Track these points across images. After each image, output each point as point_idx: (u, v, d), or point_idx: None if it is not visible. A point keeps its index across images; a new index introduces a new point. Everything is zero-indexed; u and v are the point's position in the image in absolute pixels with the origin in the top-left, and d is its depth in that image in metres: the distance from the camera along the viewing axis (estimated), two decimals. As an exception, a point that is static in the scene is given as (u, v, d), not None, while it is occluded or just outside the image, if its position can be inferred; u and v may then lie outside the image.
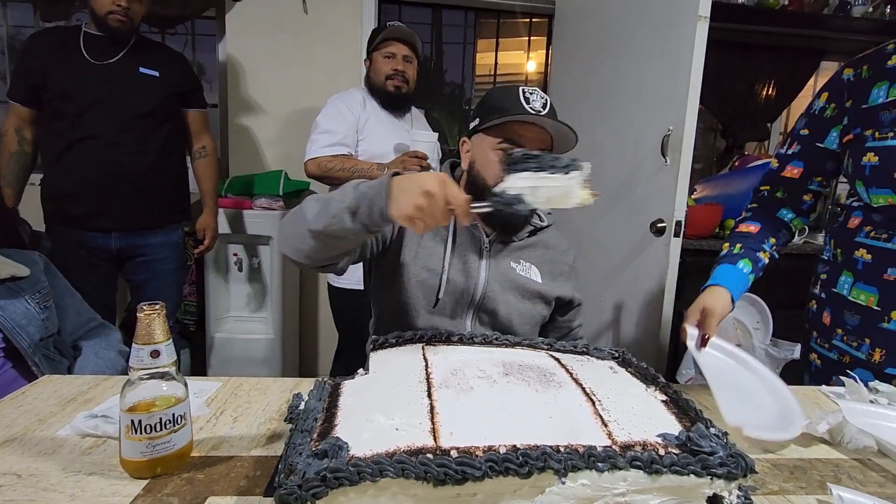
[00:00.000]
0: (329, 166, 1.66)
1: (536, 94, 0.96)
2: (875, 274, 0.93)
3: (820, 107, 1.01)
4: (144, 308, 0.58)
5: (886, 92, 0.92)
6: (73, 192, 1.60)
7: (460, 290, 0.99)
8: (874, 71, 0.94)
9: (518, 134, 0.96)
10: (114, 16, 1.55)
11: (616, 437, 0.55)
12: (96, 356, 1.09)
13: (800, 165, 1.03)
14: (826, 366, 1.04)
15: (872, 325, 0.94)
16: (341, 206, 0.73)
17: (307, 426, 0.57)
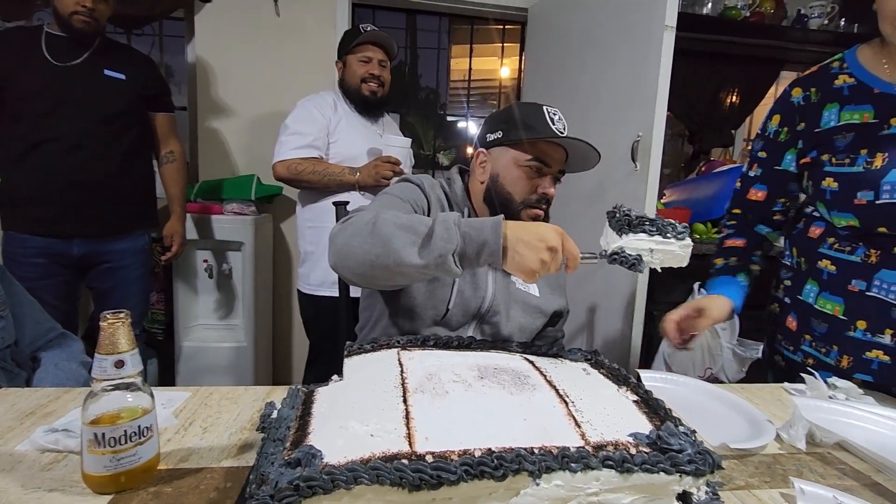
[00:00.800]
0: (299, 169, 1.63)
1: (559, 115, 0.99)
2: (840, 285, 0.95)
3: (773, 130, 1.04)
4: (108, 317, 0.56)
5: (837, 115, 0.94)
6: (33, 196, 1.54)
7: (468, 301, 0.99)
8: (823, 93, 0.96)
9: (547, 153, 0.99)
10: (78, 16, 1.50)
11: (589, 438, 0.56)
12: (56, 368, 1.04)
13: (763, 189, 1.07)
14: (790, 367, 1.07)
15: (840, 334, 0.96)
16: (445, 246, 0.70)
17: (280, 435, 0.56)
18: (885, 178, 0.86)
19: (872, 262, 0.91)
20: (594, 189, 1.93)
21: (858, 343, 0.94)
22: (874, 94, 0.91)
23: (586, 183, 1.98)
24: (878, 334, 0.91)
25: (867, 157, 0.88)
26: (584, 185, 1.99)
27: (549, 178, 1.00)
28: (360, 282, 0.83)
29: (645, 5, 1.67)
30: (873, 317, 0.91)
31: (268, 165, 1.78)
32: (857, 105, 0.92)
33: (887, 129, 0.88)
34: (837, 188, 0.93)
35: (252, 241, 2.10)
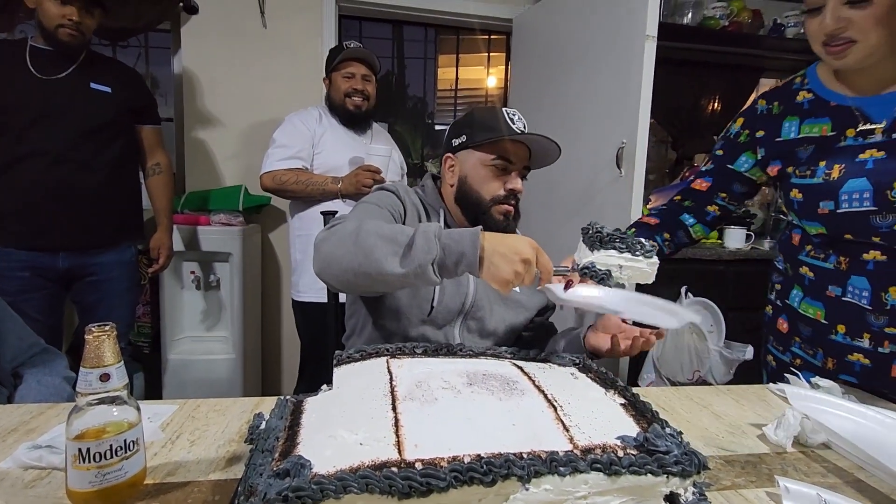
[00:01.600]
0: (283, 179, 1.70)
1: (517, 115, 1.04)
2: (819, 290, 0.98)
3: (735, 131, 1.08)
4: (93, 329, 0.55)
5: (798, 128, 0.97)
6: (17, 209, 1.52)
7: (451, 299, 1.02)
8: (785, 106, 1.00)
9: (510, 151, 1.03)
10: (64, 30, 1.49)
11: (577, 442, 0.56)
12: (39, 384, 1.02)
13: (709, 181, 1.11)
14: (780, 367, 1.09)
15: (823, 337, 0.98)
16: (425, 256, 0.73)
17: (268, 446, 0.56)
18: (842, 189, 0.89)
19: (843, 269, 0.94)
20: (581, 195, 1.95)
21: (840, 346, 0.96)
22: (831, 106, 0.94)
23: (573, 189, 2.00)
24: (857, 338, 0.94)
25: (825, 169, 0.91)
26: (571, 191, 2.01)
27: (515, 175, 1.04)
28: (344, 288, 0.87)
29: (626, 16, 1.70)
30: (851, 321, 0.94)
31: (255, 176, 1.79)
32: (816, 118, 0.95)
33: (843, 140, 0.91)
34: (802, 199, 0.96)
35: (240, 251, 2.08)
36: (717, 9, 2.36)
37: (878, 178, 0.85)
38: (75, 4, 1.49)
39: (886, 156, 0.85)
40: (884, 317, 0.91)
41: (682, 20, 2.35)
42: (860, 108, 0.90)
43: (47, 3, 1.47)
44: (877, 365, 0.93)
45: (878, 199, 0.85)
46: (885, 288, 0.90)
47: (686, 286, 1.93)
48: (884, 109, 0.87)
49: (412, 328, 1.00)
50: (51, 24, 1.49)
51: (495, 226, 1.03)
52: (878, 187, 0.85)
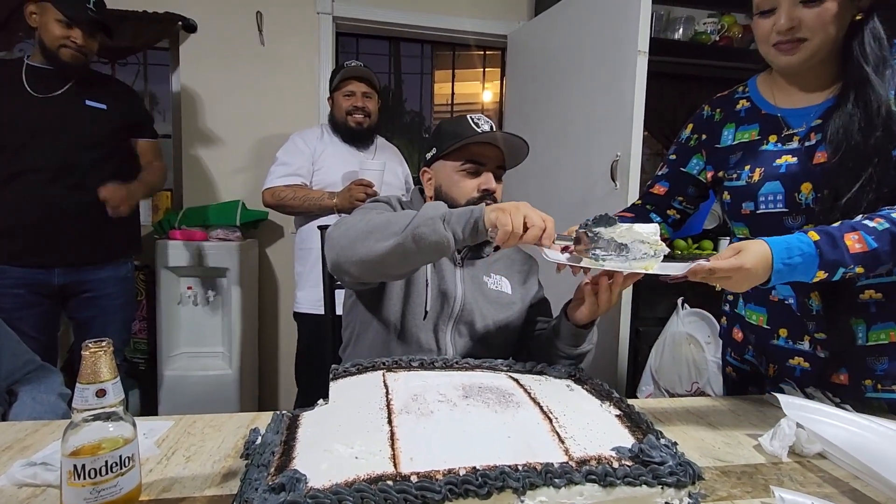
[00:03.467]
0: (282, 195, 1.75)
1: (482, 119, 1.05)
2: (763, 294, 1.00)
3: (686, 136, 1.12)
4: (90, 345, 0.56)
5: (733, 135, 1.02)
6: (12, 226, 1.52)
7: (441, 303, 1.03)
8: (725, 114, 1.05)
9: (477, 154, 1.04)
10: (67, 49, 1.51)
11: (572, 453, 0.56)
12: (34, 401, 1.02)
13: (665, 185, 1.14)
14: (740, 377, 1.11)
15: (765, 343, 1.01)
16: (435, 214, 0.80)
17: (264, 460, 0.56)
18: (760, 191, 0.94)
19: None
20: (576, 207, 1.97)
21: (781, 351, 0.98)
22: (761, 114, 0.98)
23: (568, 202, 2.02)
24: (798, 341, 0.96)
25: (749, 172, 0.96)
26: (566, 204, 2.03)
27: (488, 175, 1.05)
28: (359, 271, 0.89)
29: (618, 32, 1.73)
30: (793, 324, 0.96)
31: (252, 192, 1.80)
32: (748, 125, 1.00)
33: (765, 144, 0.96)
34: (730, 200, 1.01)
35: (237, 266, 2.08)
36: (708, 24, 2.40)
37: (788, 181, 0.91)
38: (82, 28, 1.52)
39: (798, 161, 0.90)
40: (811, 322, 0.94)
41: (673, 35, 2.39)
42: (784, 117, 0.95)
43: (52, 24, 1.49)
44: (816, 369, 0.95)
45: (789, 201, 0.91)
46: (808, 294, 0.93)
47: (682, 297, 1.94)
48: (802, 120, 0.93)
49: (406, 333, 1.02)
50: (53, 43, 1.51)
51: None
52: (788, 190, 0.91)
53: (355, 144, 1.87)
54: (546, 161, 2.18)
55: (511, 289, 1.10)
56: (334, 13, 2.40)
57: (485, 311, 1.05)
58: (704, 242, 2.24)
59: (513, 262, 1.15)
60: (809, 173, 0.89)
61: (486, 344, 1.05)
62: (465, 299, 1.04)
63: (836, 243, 0.77)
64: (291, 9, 2.35)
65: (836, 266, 0.77)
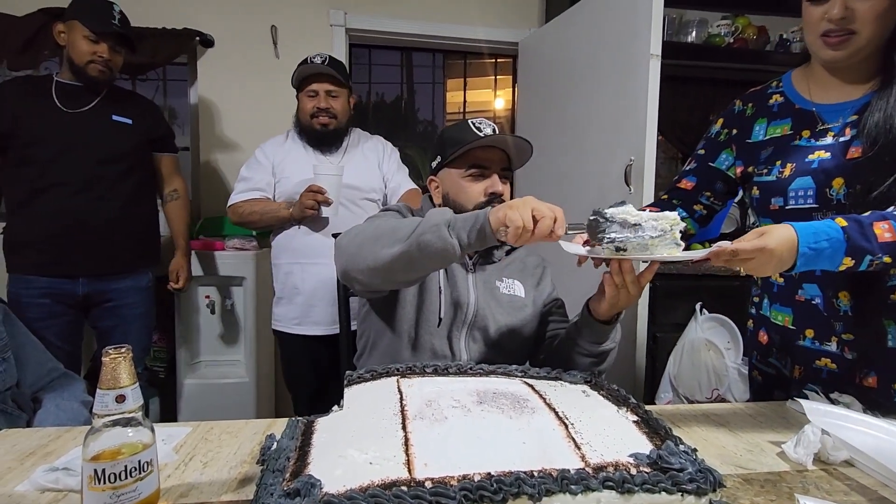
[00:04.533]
0: (241, 211, 1.69)
1: (484, 122, 1.05)
2: (788, 295, 0.99)
3: (716, 130, 1.11)
4: (110, 352, 0.57)
5: (765, 130, 1.01)
6: (39, 238, 1.57)
7: (454, 309, 1.03)
8: (757, 108, 1.04)
9: (481, 158, 1.04)
10: (94, 65, 1.57)
11: (589, 459, 0.56)
12: (57, 408, 1.04)
13: (693, 180, 1.13)
14: (765, 381, 1.09)
15: (791, 344, 0.99)
16: (441, 220, 0.80)
17: (279, 466, 0.56)
18: (791, 186, 0.93)
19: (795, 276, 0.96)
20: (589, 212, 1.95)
21: (807, 352, 0.96)
22: (794, 109, 0.97)
23: (582, 207, 2.00)
24: (825, 342, 0.94)
25: (780, 168, 0.95)
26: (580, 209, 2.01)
27: (494, 178, 1.05)
28: (365, 277, 0.89)
29: (630, 36, 1.73)
30: (820, 324, 0.94)
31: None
32: (781, 120, 0.99)
33: (798, 140, 0.95)
34: (759, 195, 1.00)
35: (254, 275, 2.11)
36: (722, 26, 2.38)
37: (820, 177, 0.90)
38: (107, 42, 1.57)
39: (831, 157, 0.89)
40: (839, 322, 0.92)
41: (686, 38, 2.38)
42: (819, 112, 0.94)
43: (80, 41, 1.55)
44: (843, 371, 0.93)
45: (820, 197, 0.90)
46: (836, 293, 0.91)
47: (701, 303, 1.91)
48: (837, 115, 0.92)
49: (421, 340, 1.02)
50: (81, 60, 1.56)
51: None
52: (820, 186, 0.90)
53: (321, 148, 1.72)
54: (559, 167, 2.17)
55: (524, 292, 1.10)
56: (347, 25, 2.43)
57: (498, 315, 1.05)
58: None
59: (525, 265, 1.15)
60: (842, 168, 0.87)
61: (501, 349, 1.04)
62: (478, 305, 1.04)
63: (865, 230, 0.75)
64: (305, 22, 2.39)
65: (864, 253, 0.75)
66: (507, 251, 1.13)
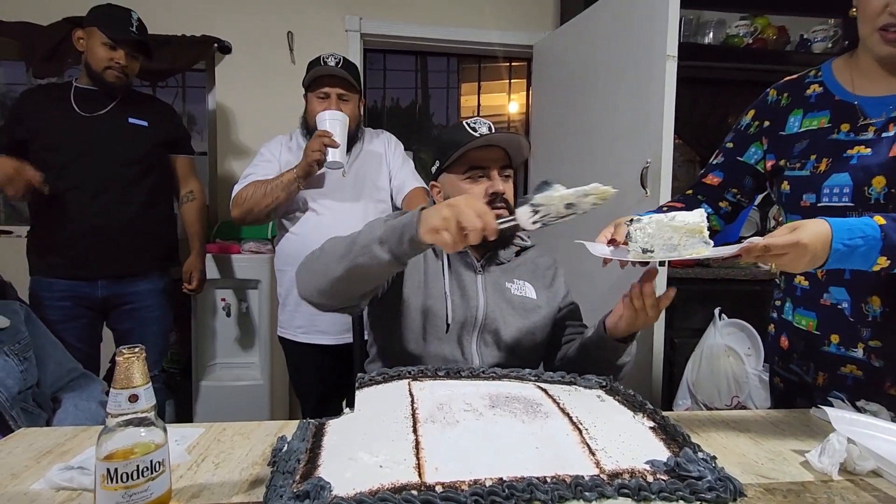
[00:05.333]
0: (243, 197, 1.54)
1: (479, 122, 1.03)
2: (813, 299, 0.95)
3: (746, 123, 1.07)
4: (123, 352, 0.57)
5: (800, 122, 0.96)
6: (60, 241, 1.60)
7: (463, 313, 1.01)
8: (793, 99, 0.99)
9: (478, 158, 1.02)
10: (111, 71, 1.60)
11: (604, 466, 0.54)
12: (76, 408, 1.06)
13: (720, 175, 1.09)
14: (787, 388, 1.05)
15: (815, 350, 0.95)
16: (371, 238, 0.79)
17: (289, 468, 0.56)
18: (825, 182, 0.89)
19: (821, 277, 0.93)
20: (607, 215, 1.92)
21: (833, 358, 0.93)
22: (834, 100, 0.93)
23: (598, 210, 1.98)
24: (851, 348, 0.90)
25: (815, 162, 0.91)
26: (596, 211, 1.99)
27: (495, 177, 1.02)
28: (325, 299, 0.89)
29: (646, 37, 1.71)
30: (845, 330, 0.91)
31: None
32: (818, 111, 0.94)
33: (836, 133, 0.90)
34: (789, 190, 0.96)
35: (269, 278, 2.13)
36: (741, 27, 2.34)
37: (859, 174, 0.85)
38: (125, 49, 1.60)
39: (872, 153, 0.85)
40: (867, 329, 0.88)
41: (703, 40, 2.34)
42: (861, 105, 0.89)
43: (98, 48, 1.58)
44: (869, 378, 0.89)
45: (857, 195, 0.86)
46: (865, 298, 0.88)
47: (720, 307, 1.87)
48: (880, 109, 0.87)
49: (430, 346, 1.00)
50: (99, 65, 1.59)
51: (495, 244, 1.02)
52: (858, 183, 0.85)
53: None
54: (575, 169, 2.15)
55: (536, 293, 1.08)
56: (362, 30, 2.45)
57: (509, 318, 1.03)
58: None
59: (536, 266, 1.13)
60: (884, 166, 0.83)
61: (514, 353, 1.03)
62: (487, 307, 1.02)
63: None
64: (321, 28, 2.42)
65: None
66: (517, 252, 1.12)
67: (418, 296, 1.02)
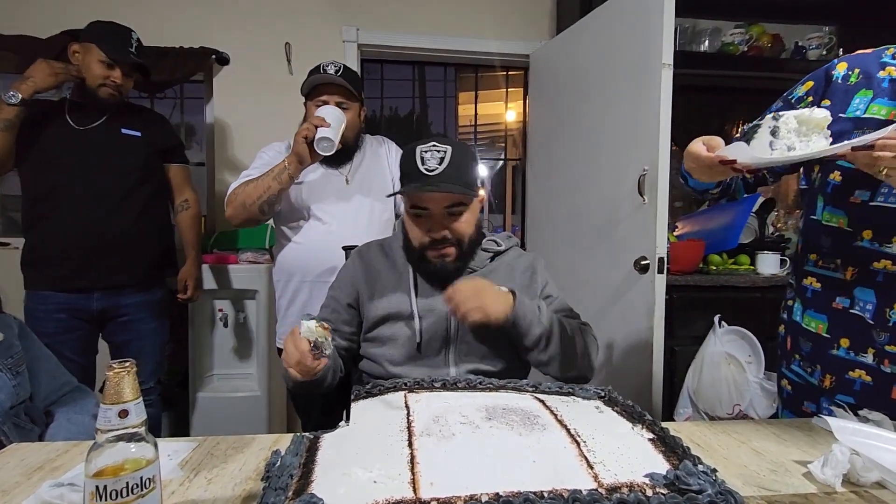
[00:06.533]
0: (236, 194, 1.50)
1: (432, 152, 0.96)
2: (824, 302, 0.94)
3: (798, 95, 0.98)
4: (114, 366, 0.56)
5: (866, 106, 0.88)
6: (54, 254, 1.59)
7: (435, 328, 1.00)
8: (864, 77, 0.89)
9: (419, 198, 0.98)
10: (106, 88, 1.60)
11: (602, 480, 0.53)
12: (69, 422, 1.04)
13: None
14: (796, 391, 1.04)
15: (823, 353, 0.94)
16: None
17: (282, 483, 0.55)
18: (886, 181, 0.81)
19: (848, 278, 0.91)
20: (603, 223, 1.93)
21: (841, 362, 0.92)
22: None
23: (596, 218, 1.98)
24: (861, 353, 0.90)
25: None
26: (594, 220, 1.99)
27: (435, 221, 0.98)
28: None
29: (642, 46, 1.72)
30: (856, 335, 0.90)
31: (280, 215, 1.80)
32: (890, 100, 0.86)
33: None
34: (840, 182, 0.91)
35: (266, 288, 2.12)
36: (736, 35, 2.35)
37: None
38: (122, 68, 1.60)
39: None
40: (885, 333, 0.87)
41: (699, 48, 2.36)
42: None
43: (94, 64, 1.58)
44: (878, 384, 0.89)
45: None
46: (891, 303, 0.86)
47: (720, 315, 1.86)
48: None
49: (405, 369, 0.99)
50: (94, 82, 1.59)
51: (434, 268, 1.00)
52: None
53: (326, 159, 1.50)
54: (572, 178, 2.16)
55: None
56: (359, 41, 2.46)
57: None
58: (741, 257, 2.16)
59: (513, 268, 1.09)
60: None
61: (496, 358, 1.00)
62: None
63: None
64: (318, 39, 2.43)
65: None
66: (491, 257, 1.09)
67: (387, 323, 1.01)
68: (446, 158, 0.95)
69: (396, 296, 1.03)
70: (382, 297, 1.03)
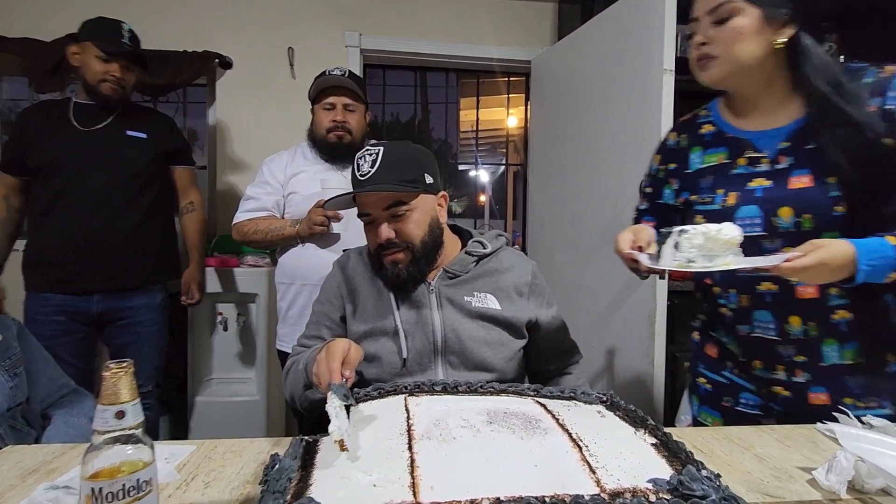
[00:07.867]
0: (245, 230, 1.62)
1: (364, 156, 0.96)
2: (731, 328, 0.99)
3: (655, 168, 1.12)
4: (111, 366, 0.56)
5: (701, 158, 1.02)
6: (56, 256, 1.59)
7: (420, 341, 0.97)
8: (691, 138, 1.04)
9: (361, 204, 0.99)
10: (107, 84, 1.60)
11: (604, 485, 0.53)
12: (66, 425, 1.04)
13: (652, 220, 1.13)
14: (717, 389, 1.05)
15: (746, 371, 1.00)
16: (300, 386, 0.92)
17: (280, 487, 0.54)
18: (737, 214, 0.93)
19: (745, 305, 0.96)
20: (605, 230, 1.92)
21: (762, 380, 0.97)
22: (727, 137, 0.99)
23: (598, 225, 1.98)
24: (773, 371, 0.95)
25: (723, 196, 0.96)
26: (596, 227, 1.99)
27: (379, 224, 0.96)
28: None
29: (643, 52, 1.72)
30: (764, 355, 0.96)
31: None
32: (715, 148, 1.00)
33: (735, 168, 0.96)
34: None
35: (267, 292, 2.12)
36: (736, 42, 2.36)
37: (765, 205, 0.91)
38: (119, 62, 1.61)
39: (773, 184, 0.91)
40: (790, 346, 0.92)
41: (700, 54, 2.36)
42: (750, 140, 0.95)
43: (92, 61, 1.59)
44: (795, 395, 0.94)
45: (767, 224, 0.91)
46: (786, 318, 0.92)
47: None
48: (769, 143, 0.93)
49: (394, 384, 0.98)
50: (94, 78, 1.60)
51: (390, 275, 0.98)
52: (766, 214, 0.91)
53: (335, 163, 1.63)
54: (573, 183, 2.16)
55: (499, 304, 1.02)
56: (362, 46, 2.48)
57: (472, 332, 0.98)
58: None
59: (499, 278, 1.05)
60: (788, 199, 0.89)
61: (484, 368, 0.99)
62: (444, 326, 0.98)
63: None
64: (321, 44, 2.44)
65: None
66: (476, 260, 1.05)
67: (371, 337, 0.99)
68: (378, 159, 0.94)
69: (378, 311, 1.00)
70: (364, 313, 1.01)
